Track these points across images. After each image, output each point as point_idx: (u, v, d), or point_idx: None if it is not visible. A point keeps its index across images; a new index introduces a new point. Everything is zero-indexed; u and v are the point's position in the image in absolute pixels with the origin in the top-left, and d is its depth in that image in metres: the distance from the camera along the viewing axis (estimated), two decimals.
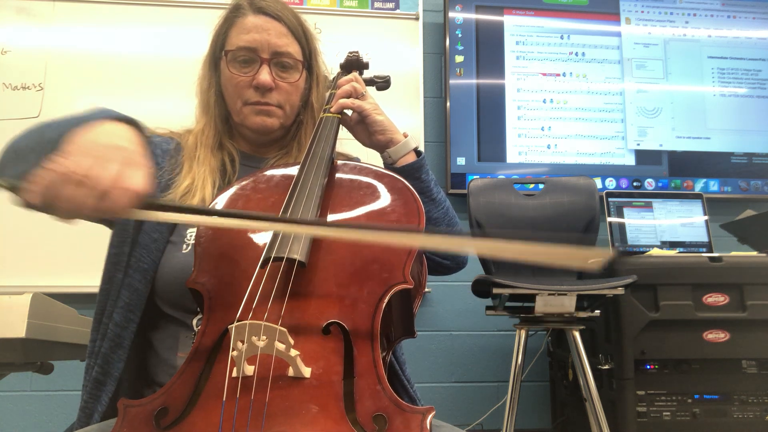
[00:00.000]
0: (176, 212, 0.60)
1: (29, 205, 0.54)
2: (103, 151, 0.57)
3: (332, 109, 0.95)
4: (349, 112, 0.98)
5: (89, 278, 2.13)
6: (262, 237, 0.71)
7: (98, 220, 0.57)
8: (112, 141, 0.59)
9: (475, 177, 2.23)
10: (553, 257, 0.54)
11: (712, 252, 1.98)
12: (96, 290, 0.86)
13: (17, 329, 0.90)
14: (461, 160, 2.51)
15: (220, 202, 0.78)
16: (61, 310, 1.05)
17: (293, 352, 0.55)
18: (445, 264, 0.97)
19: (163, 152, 0.92)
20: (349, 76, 0.99)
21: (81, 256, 2.12)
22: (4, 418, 2.19)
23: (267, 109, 0.92)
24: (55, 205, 0.54)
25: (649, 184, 2.58)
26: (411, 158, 0.95)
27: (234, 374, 0.56)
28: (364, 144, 0.99)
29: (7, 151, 0.75)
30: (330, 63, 1.05)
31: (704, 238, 2.04)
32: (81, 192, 0.54)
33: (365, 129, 0.96)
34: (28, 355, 0.93)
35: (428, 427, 0.52)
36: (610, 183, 2.56)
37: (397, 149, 0.95)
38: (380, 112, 0.96)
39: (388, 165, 0.96)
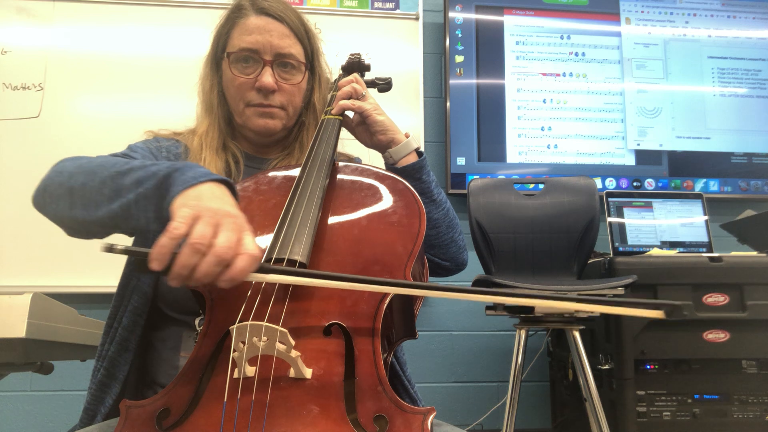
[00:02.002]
0: (287, 275, 0.61)
1: (150, 271, 0.56)
2: (220, 219, 0.58)
3: (333, 111, 0.95)
4: (350, 114, 0.98)
5: (89, 278, 2.13)
6: (263, 239, 0.72)
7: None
8: (223, 207, 0.60)
9: (475, 177, 2.23)
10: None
11: (712, 252, 1.98)
12: (97, 290, 0.86)
13: (17, 329, 0.90)
14: (461, 160, 2.51)
15: None
16: (61, 310, 1.05)
17: (294, 353, 0.55)
18: (444, 266, 0.97)
19: (175, 157, 0.92)
20: (349, 77, 0.99)
21: (81, 256, 2.12)
22: (4, 418, 2.19)
23: (270, 111, 0.92)
24: (173, 270, 0.55)
25: (649, 184, 2.58)
26: (412, 159, 0.95)
27: (235, 375, 0.56)
28: (366, 145, 0.99)
29: (52, 185, 0.75)
30: (330, 63, 1.05)
31: (704, 238, 2.04)
32: (200, 259, 0.55)
33: (366, 130, 0.96)
34: (28, 355, 0.93)
35: (429, 427, 0.52)
36: (610, 183, 2.56)
37: (399, 149, 0.95)
38: (381, 113, 0.95)
39: (389, 165, 0.96)
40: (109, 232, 0.75)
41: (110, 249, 0.56)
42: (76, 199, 0.72)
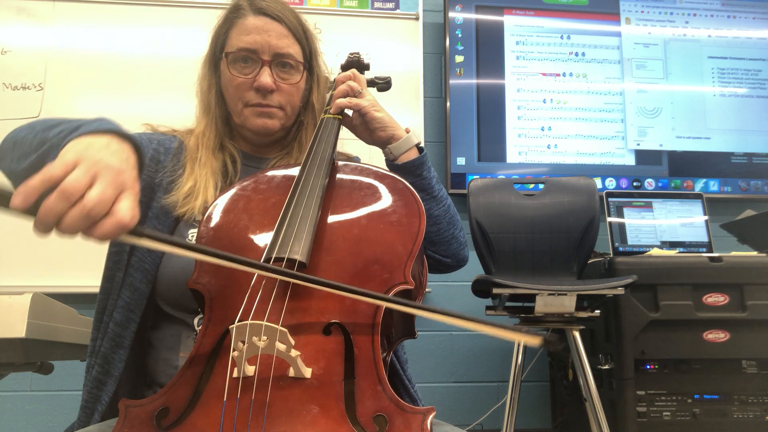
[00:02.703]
0: (162, 243, 0.58)
1: (11, 209, 0.51)
2: (100, 170, 0.54)
3: (331, 111, 0.95)
4: (349, 112, 0.98)
5: (89, 278, 2.13)
6: (263, 238, 0.72)
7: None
8: (109, 158, 0.56)
9: (475, 177, 2.23)
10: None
11: (712, 252, 1.98)
12: (96, 290, 0.86)
13: (17, 329, 0.90)
14: (461, 160, 2.51)
15: (221, 203, 0.78)
16: (61, 310, 1.05)
17: (294, 353, 0.55)
18: (445, 262, 0.97)
19: (166, 150, 0.92)
20: (346, 74, 0.98)
21: (81, 256, 2.12)
22: (4, 418, 2.19)
23: (268, 111, 0.92)
24: (38, 214, 0.51)
25: (649, 184, 2.58)
26: (413, 154, 0.95)
27: (235, 374, 0.56)
28: (367, 142, 0.98)
29: (6, 140, 0.76)
30: (330, 63, 1.05)
31: (704, 238, 2.04)
32: (65, 206, 0.51)
33: (366, 127, 0.96)
34: (28, 355, 0.93)
35: (429, 427, 0.52)
36: (610, 183, 2.56)
37: (399, 145, 0.94)
38: (379, 109, 0.95)
39: (390, 161, 0.96)
40: None
41: None
42: (16, 153, 0.73)
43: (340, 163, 0.85)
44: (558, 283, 1.66)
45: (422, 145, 0.97)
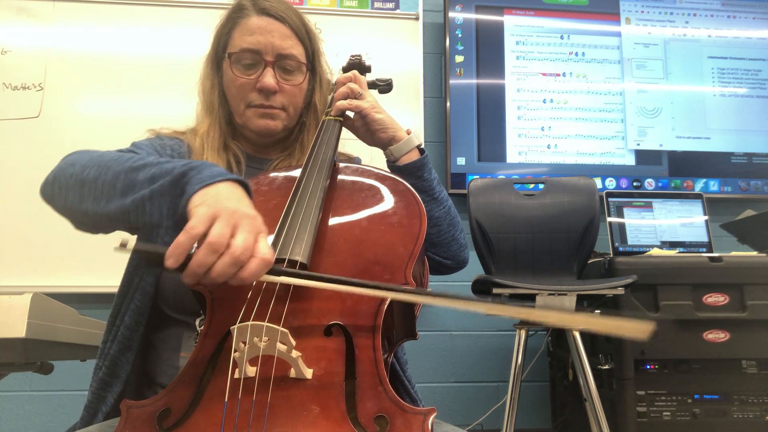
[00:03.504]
0: (297, 278, 0.61)
1: (165, 268, 0.56)
2: (238, 219, 0.58)
3: (332, 113, 0.95)
4: (350, 114, 0.98)
5: (89, 278, 2.13)
6: None
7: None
8: (241, 208, 0.61)
9: (475, 177, 2.23)
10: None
11: (712, 252, 1.98)
12: (97, 290, 0.86)
13: (17, 329, 0.90)
14: (461, 160, 2.51)
15: None
16: (61, 310, 1.05)
17: (295, 353, 0.55)
18: (446, 264, 0.97)
19: (179, 156, 0.92)
20: (347, 75, 0.98)
21: (81, 256, 2.12)
22: (4, 418, 2.19)
23: (271, 112, 0.92)
24: (189, 267, 0.56)
25: (649, 184, 2.58)
26: (414, 156, 0.95)
27: (236, 375, 0.56)
28: (368, 143, 0.98)
29: (63, 177, 0.75)
30: (330, 63, 1.04)
31: (704, 238, 2.05)
32: (214, 258, 0.55)
33: (367, 128, 0.96)
34: (28, 355, 0.93)
35: (430, 427, 0.52)
36: (610, 183, 2.56)
37: (400, 147, 0.94)
38: (380, 111, 0.95)
39: (391, 163, 0.96)
40: (117, 226, 0.75)
41: (124, 247, 0.56)
42: (88, 192, 0.72)
43: (341, 164, 0.86)
44: (558, 283, 1.66)
45: (423, 146, 0.97)
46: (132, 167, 0.71)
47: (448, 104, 2.52)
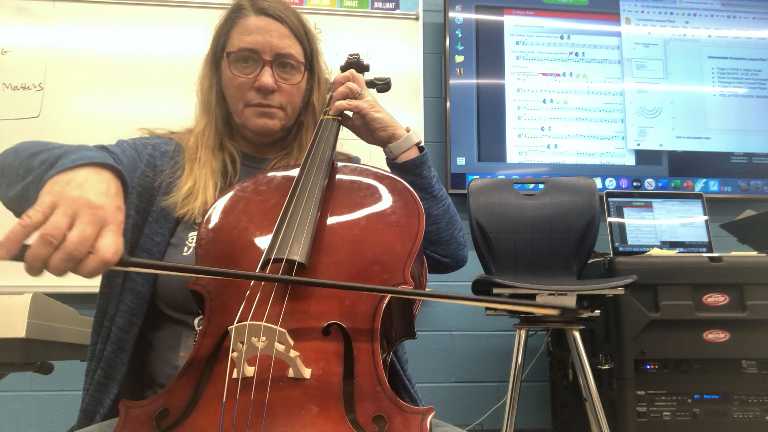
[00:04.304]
0: (149, 268, 0.61)
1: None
2: (78, 209, 0.54)
3: (330, 113, 0.95)
4: (349, 113, 0.98)
5: (89, 279, 2.13)
6: (262, 239, 0.72)
7: None
8: (90, 196, 0.56)
9: (475, 177, 2.23)
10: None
11: (712, 252, 1.98)
12: (96, 290, 0.86)
13: (17, 329, 0.90)
14: (461, 160, 2.51)
15: (221, 205, 0.78)
16: (61, 310, 1.05)
17: (293, 353, 0.55)
18: (444, 262, 0.97)
19: (162, 154, 0.92)
20: (345, 75, 0.98)
21: None
22: (4, 418, 2.19)
23: (269, 111, 0.92)
24: (25, 260, 0.53)
25: (649, 184, 2.58)
26: (413, 153, 0.95)
27: (234, 375, 0.56)
28: (367, 142, 0.98)
29: None
30: (330, 63, 1.05)
31: (704, 238, 2.04)
32: (49, 251, 0.52)
33: (366, 127, 0.96)
34: (28, 355, 0.93)
35: (428, 427, 0.52)
36: (610, 183, 2.56)
37: (399, 144, 0.94)
38: (379, 109, 0.95)
39: (390, 160, 0.96)
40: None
41: None
42: (3, 179, 0.73)
43: (339, 163, 0.86)
44: (558, 283, 1.66)
45: (422, 144, 0.97)
46: (33, 152, 0.69)
47: (448, 104, 2.52)
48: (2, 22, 2.33)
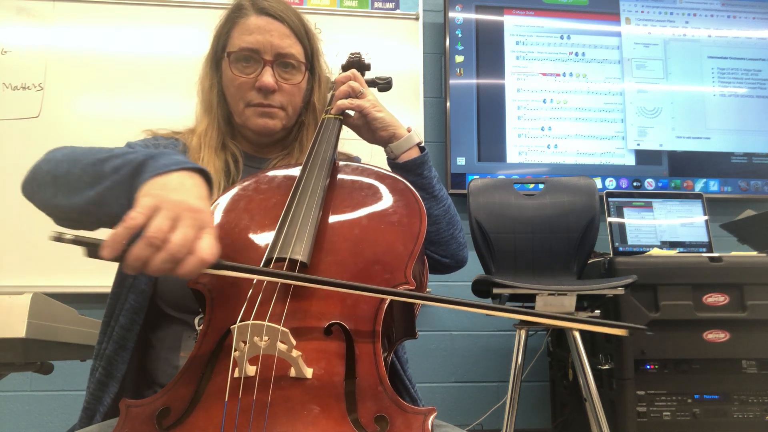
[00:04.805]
0: (242, 272, 0.61)
1: (100, 258, 0.55)
2: (180, 212, 0.56)
3: (332, 111, 0.95)
4: (350, 112, 0.98)
5: (89, 278, 2.13)
6: (264, 238, 0.72)
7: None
8: (190, 200, 0.59)
9: (475, 177, 2.23)
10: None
11: (712, 252, 1.98)
12: (96, 290, 0.86)
13: (17, 329, 0.90)
14: (461, 160, 2.51)
15: (223, 203, 0.78)
16: (61, 310, 1.05)
17: (295, 353, 0.55)
18: (444, 263, 0.97)
19: None
20: (347, 74, 0.98)
21: (81, 256, 2.12)
22: (4, 418, 2.19)
23: (269, 111, 0.92)
24: (126, 260, 0.54)
25: (649, 184, 2.58)
26: (414, 153, 0.95)
27: (236, 374, 0.56)
28: (368, 141, 0.98)
29: (39, 172, 0.74)
30: (330, 63, 1.05)
31: (704, 238, 2.04)
32: (151, 252, 0.54)
33: (368, 127, 0.96)
34: (28, 355, 0.93)
35: (430, 427, 0.52)
36: (610, 183, 2.56)
37: (400, 144, 0.94)
38: (380, 109, 0.95)
39: (391, 160, 0.96)
40: (93, 220, 0.73)
41: (59, 238, 0.55)
42: (60, 187, 0.72)
43: (341, 163, 0.85)
44: (558, 283, 1.66)
45: (423, 144, 0.97)
46: (99, 159, 0.70)
47: (448, 104, 2.52)
48: (2, 22, 2.33)
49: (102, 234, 0.59)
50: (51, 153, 0.77)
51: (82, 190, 0.69)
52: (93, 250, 0.55)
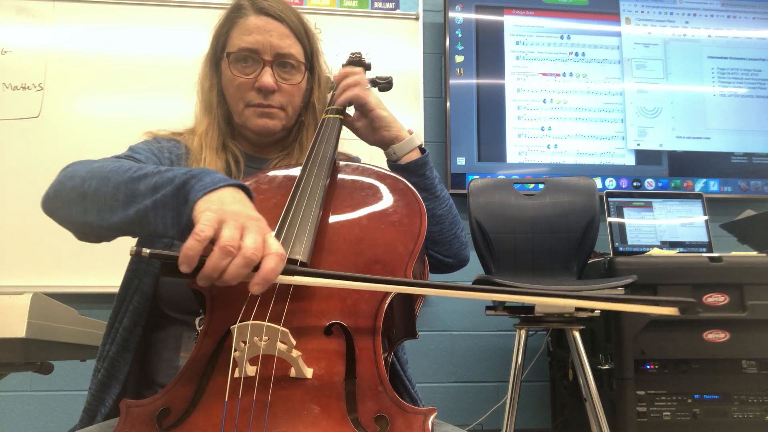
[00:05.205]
0: (314, 277, 0.62)
1: (177, 275, 0.58)
2: (244, 222, 0.60)
3: (337, 102, 0.94)
4: (351, 112, 0.98)
5: (89, 278, 2.13)
6: None
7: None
8: (245, 210, 0.62)
9: (475, 177, 2.23)
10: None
11: (712, 252, 1.98)
12: (97, 290, 0.86)
13: (17, 329, 0.90)
14: (461, 160, 2.51)
15: None
16: (61, 310, 1.05)
17: (295, 353, 0.55)
18: (447, 262, 0.97)
19: (177, 158, 0.92)
20: (354, 69, 0.98)
21: (81, 256, 2.12)
22: (4, 418, 2.19)
23: (269, 111, 0.92)
24: (204, 271, 0.57)
25: (649, 184, 2.58)
26: (416, 155, 0.95)
27: (236, 375, 0.56)
28: (369, 142, 0.98)
29: (63, 190, 0.74)
30: (330, 63, 1.04)
31: (704, 238, 2.04)
32: (228, 261, 0.57)
33: (369, 125, 0.96)
34: (28, 355, 0.93)
35: (430, 427, 0.52)
36: (610, 183, 2.56)
37: (403, 145, 0.94)
38: (384, 108, 0.95)
39: (393, 162, 0.96)
40: (120, 235, 0.75)
41: (138, 254, 0.58)
42: (90, 205, 0.72)
43: (341, 163, 0.85)
44: (558, 283, 1.66)
45: (424, 146, 0.97)
46: (132, 177, 0.70)
47: (448, 104, 2.52)
48: (2, 22, 2.33)
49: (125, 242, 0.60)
50: (72, 168, 0.77)
51: (118, 209, 0.70)
52: (171, 266, 0.57)
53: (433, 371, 2.40)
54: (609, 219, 2.02)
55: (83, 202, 0.72)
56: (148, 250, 0.58)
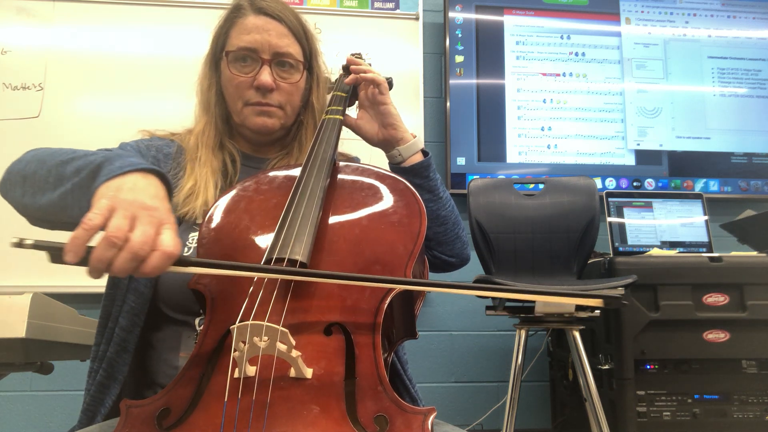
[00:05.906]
0: (209, 267, 0.61)
1: (64, 262, 0.55)
2: (136, 211, 0.57)
3: (347, 80, 0.97)
4: (352, 112, 0.98)
5: (89, 278, 2.13)
6: (264, 238, 0.72)
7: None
8: (145, 200, 0.59)
9: (475, 177, 2.23)
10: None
11: (712, 252, 1.98)
12: (96, 290, 0.86)
13: (17, 329, 0.90)
14: (461, 160, 2.51)
15: (222, 204, 0.78)
16: (61, 310, 1.05)
17: (295, 353, 0.55)
18: (450, 262, 0.98)
19: (165, 156, 0.92)
20: (358, 59, 1.00)
21: None
22: (4, 418, 2.19)
23: (268, 110, 0.92)
24: (90, 263, 0.55)
25: (649, 184, 2.58)
26: (418, 158, 0.96)
27: (236, 375, 0.56)
28: (372, 140, 0.99)
29: (11, 173, 0.76)
30: (330, 63, 1.05)
31: (704, 238, 2.04)
32: (113, 253, 0.54)
33: (377, 121, 0.97)
34: (28, 355, 0.93)
35: (430, 427, 0.52)
36: (610, 183, 2.56)
37: (408, 147, 0.96)
38: (394, 106, 0.97)
39: (395, 164, 0.97)
40: (58, 223, 0.74)
41: (19, 244, 0.56)
42: (27, 187, 0.73)
43: (341, 163, 0.86)
44: (558, 282, 1.66)
45: (425, 149, 0.99)
46: (63, 161, 0.70)
47: (448, 104, 2.52)
48: (2, 22, 2.33)
49: (63, 237, 0.59)
50: (26, 153, 0.79)
51: (46, 192, 0.70)
52: (56, 255, 0.55)
53: (433, 371, 2.40)
54: (609, 219, 2.02)
55: (23, 185, 0.74)
56: (31, 240, 0.55)
